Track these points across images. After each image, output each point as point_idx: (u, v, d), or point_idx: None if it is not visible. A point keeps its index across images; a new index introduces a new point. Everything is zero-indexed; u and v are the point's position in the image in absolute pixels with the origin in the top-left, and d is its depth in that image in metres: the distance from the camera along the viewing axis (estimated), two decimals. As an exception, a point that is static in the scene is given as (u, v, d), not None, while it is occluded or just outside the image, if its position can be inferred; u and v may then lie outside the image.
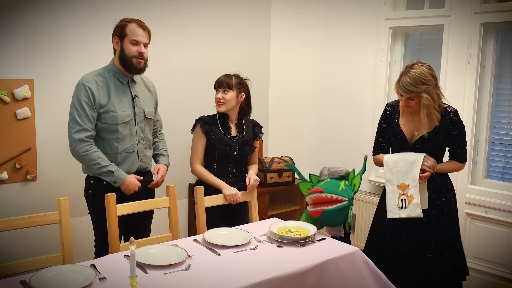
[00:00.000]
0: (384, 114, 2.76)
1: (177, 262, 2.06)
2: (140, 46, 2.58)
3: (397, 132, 2.68)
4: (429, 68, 2.55)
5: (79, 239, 3.02)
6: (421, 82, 2.48)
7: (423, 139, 2.61)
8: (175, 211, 2.62)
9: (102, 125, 2.57)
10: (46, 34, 3.03)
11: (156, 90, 2.89)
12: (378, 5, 3.85)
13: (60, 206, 2.24)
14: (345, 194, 2.59)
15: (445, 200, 2.66)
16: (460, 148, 2.66)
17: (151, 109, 2.76)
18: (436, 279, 2.64)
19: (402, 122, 2.68)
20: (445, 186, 2.68)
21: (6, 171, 2.97)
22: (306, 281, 2.10)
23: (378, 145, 2.80)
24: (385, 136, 2.77)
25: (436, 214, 2.64)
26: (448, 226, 2.66)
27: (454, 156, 2.68)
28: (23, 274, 1.94)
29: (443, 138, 2.61)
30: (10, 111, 2.95)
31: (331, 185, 2.63)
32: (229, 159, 2.88)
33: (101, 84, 2.57)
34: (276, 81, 4.35)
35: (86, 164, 2.57)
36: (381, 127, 2.78)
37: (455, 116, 2.60)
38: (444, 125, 2.59)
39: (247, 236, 2.41)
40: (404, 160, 2.58)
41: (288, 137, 4.46)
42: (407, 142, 2.65)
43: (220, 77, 2.91)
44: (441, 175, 2.67)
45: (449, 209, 2.67)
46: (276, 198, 4.22)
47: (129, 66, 2.59)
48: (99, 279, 1.89)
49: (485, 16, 3.29)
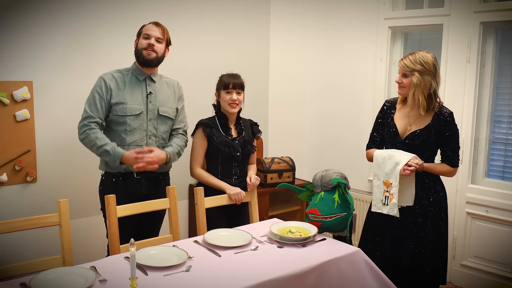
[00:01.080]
0: (382, 109, 2.81)
1: (178, 263, 2.05)
2: (150, 39, 2.67)
3: (390, 126, 2.72)
4: (434, 57, 2.60)
5: (79, 241, 3.02)
6: (420, 63, 2.54)
7: (413, 135, 2.63)
8: (176, 212, 2.62)
9: (112, 117, 2.64)
10: (45, 36, 3.02)
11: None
12: (377, 5, 3.85)
13: (60, 208, 2.23)
14: (341, 209, 2.55)
15: (432, 201, 2.65)
16: (452, 151, 2.65)
17: (168, 108, 2.76)
18: (416, 280, 2.64)
19: (397, 117, 2.71)
20: (434, 187, 2.67)
21: (5, 173, 2.96)
22: (306, 282, 2.10)
23: (372, 139, 2.85)
24: (379, 131, 2.81)
25: (422, 214, 2.64)
26: (434, 228, 2.64)
27: (446, 158, 2.67)
28: (23, 277, 1.95)
29: (435, 137, 2.62)
30: (9, 113, 2.94)
31: (326, 203, 2.57)
32: (233, 160, 2.87)
33: (117, 78, 2.68)
34: (276, 81, 4.34)
35: (89, 147, 2.61)
36: (377, 122, 2.82)
37: (450, 118, 2.61)
38: (437, 124, 2.61)
39: (247, 237, 2.41)
40: (392, 158, 2.59)
41: (288, 136, 4.46)
42: (398, 136, 2.67)
43: (228, 77, 2.86)
44: (431, 176, 2.66)
45: (437, 211, 2.66)
46: (276, 198, 4.22)
47: (139, 58, 2.69)
48: (99, 281, 1.88)
49: (484, 15, 3.29)
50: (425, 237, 2.63)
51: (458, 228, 3.51)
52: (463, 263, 3.50)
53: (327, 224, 2.56)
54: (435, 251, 2.65)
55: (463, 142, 3.45)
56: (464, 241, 3.49)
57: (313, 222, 2.58)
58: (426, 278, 2.65)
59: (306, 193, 2.78)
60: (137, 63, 2.72)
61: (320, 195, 2.60)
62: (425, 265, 2.63)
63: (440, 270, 2.68)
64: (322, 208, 2.55)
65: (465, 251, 3.49)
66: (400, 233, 2.66)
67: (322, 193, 2.61)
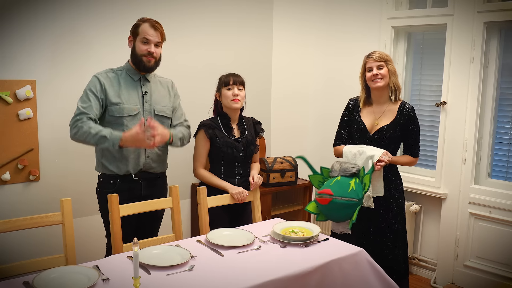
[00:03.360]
0: (347, 107, 3.01)
1: (181, 262, 2.05)
2: (149, 45, 2.61)
3: (358, 123, 2.91)
4: None
5: (82, 240, 3.02)
6: (386, 55, 2.87)
7: (381, 130, 2.84)
8: (178, 211, 2.61)
9: (109, 118, 2.59)
10: (48, 34, 3.02)
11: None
12: (380, 4, 3.84)
13: (63, 207, 2.23)
14: (355, 195, 2.58)
15: (394, 194, 2.87)
16: (414, 143, 2.89)
17: (164, 107, 2.74)
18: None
19: (363, 114, 2.92)
20: (395, 181, 2.90)
21: (8, 172, 2.96)
22: (309, 282, 2.10)
23: (339, 136, 3.04)
24: (346, 128, 3.01)
25: (385, 206, 2.85)
26: (394, 219, 2.87)
27: (408, 150, 2.91)
28: (26, 275, 1.95)
29: (400, 131, 2.84)
30: (12, 112, 2.95)
31: (341, 185, 2.60)
32: (236, 160, 2.87)
33: (111, 78, 2.63)
34: (278, 80, 4.34)
35: (83, 139, 2.49)
36: (343, 120, 3.03)
37: (412, 112, 2.85)
38: (402, 119, 2.83)
39: (250, 236, 2.40)
40: (363, 154, 2.77)
41: (291, 135, 4.45)
42: (367, 132, 2.87)
43: (227, 75, 2.86)
44: (392, 171, 2.89)
45: (400, 203, 2.89)
46: (279, 198, 4.21)
47: (139, 64, 2.64)
48: (102, 280, 1.88)
49: (488, 15, 3.27)
50: (388, 227, 2.85)
51: (461, 229, 3.50)
52: (466, 264, 3.49)
53: (335, 204, 2.57)
54: (395, 239, 2.87)
55: (466, 142, 3.44)
56: (467, 242, 3.48)
57: (321, 198, 2.58)
58: (391, 267, 2.80)
59: (319, 178, 2.81)
60: (135, 67, 2.67)
61: (336, 179, 2.67)
62: (388, 252, 2.85)
63: (400, 256, 2.89)
64: (336, 189, 2.60)
65: (468, 252, 3.48)
66: (368, 223, 2.86)
67: (338, 177, 2.67)
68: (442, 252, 3.62)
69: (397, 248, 2.89)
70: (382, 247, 2.86)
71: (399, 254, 2.91)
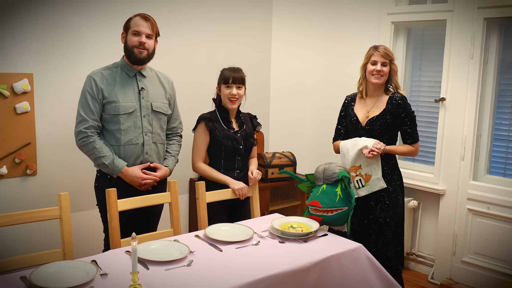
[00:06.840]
0: (344, 103, 3.07)
1: (179, 258, 2.04)
2: (141, 37, 2.59)
3: (351, 116, 2.96)
4: None
5: (80, 234, 3.00)
6: (392, 54, 2.89)
7: (372, 120, 2.87)
8: (176, 206, 2.60)
9: (106, 116, 2.59)
10: (46, 28, 3.00)
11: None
12: (380, 0, 3.82)
13: (61, 201, 2.22)
14: (343, 203, 2.54)
15: (388, 187, 2.85)
16: (410, 129, 2.89)
17: (161, 103, 2.73)
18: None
19: (357, 108, 2.97)
20: (391, 175, 2.88)
21: (5, 166, 2.94)
22: (308, 277, 2.09)
23: (337, 132, 3.09)
24: (343, 123, 3.06)
25: (375, 198, 2.84)
26: (384, 213, 2.85)
27: (406, 138, 2.91)
28: (23, 270, 1.94)
29: (391, 119, 2.85)
30: (9, 105, 2.92)
31: (328, 196, 2.54)
32: (236, 153, 2.86)
33: (106, 76, 2.61)
34: (277, 76, 4.32)
35: (86, 154, 2.60)
36: (340, 116, 3.08)
37: (401, 100, 2.87)
38: (392, 108, 2.86)
39: (249, 232, 2.40)
40: (356, 146, 2.81)
41: (289, 131, 4.45)
42: (359, 124, 2.91)
43: (228, 71, 2.85)
44: (389, 164, 2.88)
45: (393, 198, 2.87)
46: (277, 193, 4.21)
47: (130, 56, 2.62)
48: (100, 275, 1.87)
49: (488, 11, 3.26)
50: (379, 219, 2.85)
51: (459, 225, 3.51)
52: (464, 260, 3.49)
53: (328, 219, 2.55)
54: (386, 228, 2.85)
55: (465, 138, 3.44)
56: (464, 238, 3.49)
57: (313, 216, 2.57)
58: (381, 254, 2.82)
59: (307, 184, 2.78)
60: (128, 60, 2.65)
61: (322, 188, 2.60)
62: (371, 246, 2.80)
63: (390, 242, 2.87)
64: (324, 201, 2.54)
65: (466, 248, 3.49)
66: (362, 215, 2.86)
67: (324, 186, 2.60)
68: (440, 248, 3.63)
69: (381, 242, 2.85)
70: (367, 239, 2.83)
71: (388, 249, 2.85)
